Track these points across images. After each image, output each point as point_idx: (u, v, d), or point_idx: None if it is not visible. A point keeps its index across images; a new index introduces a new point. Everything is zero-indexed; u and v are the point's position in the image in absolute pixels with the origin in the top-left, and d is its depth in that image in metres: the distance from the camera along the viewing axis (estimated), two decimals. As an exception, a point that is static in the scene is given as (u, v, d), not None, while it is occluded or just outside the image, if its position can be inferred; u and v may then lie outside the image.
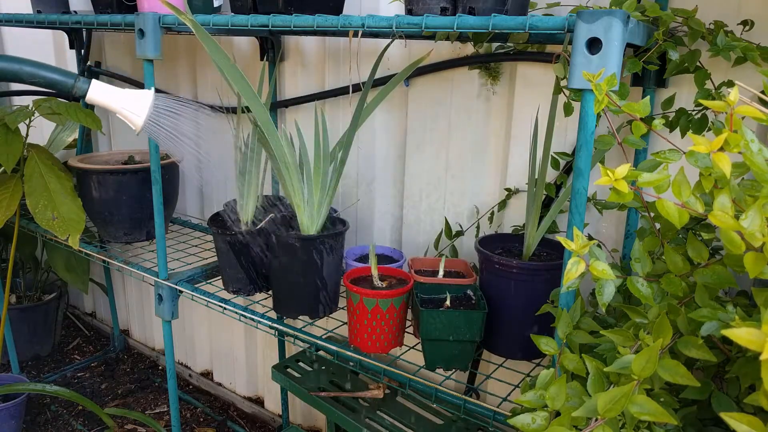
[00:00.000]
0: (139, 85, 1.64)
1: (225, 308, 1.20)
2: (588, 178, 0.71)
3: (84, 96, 0.79)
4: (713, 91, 0.85)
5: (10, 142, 1.39)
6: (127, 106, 0.81)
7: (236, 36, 1.55)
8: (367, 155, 1.37)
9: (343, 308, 1.13)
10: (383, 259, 1.19)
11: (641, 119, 0.63)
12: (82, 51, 1.85)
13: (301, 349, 1.46)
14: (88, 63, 1.89)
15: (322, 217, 1.09)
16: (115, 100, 0.81)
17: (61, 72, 0.78)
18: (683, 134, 0.88)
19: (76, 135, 1.92)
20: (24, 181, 1.44)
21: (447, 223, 1.24)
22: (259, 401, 1.92)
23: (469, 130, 1.21)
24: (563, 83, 0.79)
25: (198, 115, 0.89)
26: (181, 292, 1.27)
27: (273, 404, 1.86)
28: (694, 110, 0.88)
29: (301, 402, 1.56)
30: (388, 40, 1.06)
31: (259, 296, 1.23)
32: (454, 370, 0.97)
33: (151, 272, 1.31)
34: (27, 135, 1.50)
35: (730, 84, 0.85)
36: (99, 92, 0.80)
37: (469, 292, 1.01)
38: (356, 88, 1.28)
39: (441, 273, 1.07)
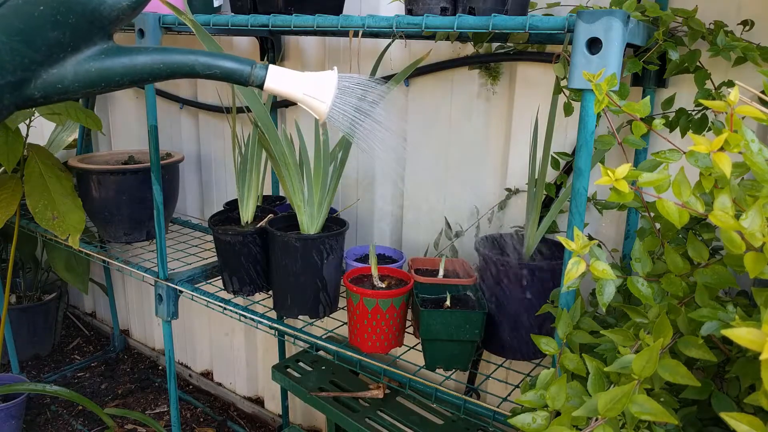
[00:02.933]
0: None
1: (225, 308, 1.20)
2: (588, 178, 0.71)
3: (262, 85, 0.69)
4: (713, 91, 0.85)
5: (10, 142, 1.39)
6: (310, 92, 0.69)
7: (236, 36, 1.55)
8: (367, 155, 1.37)
9: (343, 308, 1.13)
10: (383, 259, 1.19)
11: (641, 119, 0.63)
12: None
13: (301, 349, 1.46)
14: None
15: (322, 217, 1.09)
16: (297, 86, 0.69)
17: (236, 59, 0.68)
18: (683, 134, 0.88)
19: (76, 135, 1.92)
20: (24, 181, 1.44)
21: (447, 223, 1.24)
22: (259, 401, 1.92)
23: (469, 130, 1.21)
24: (563, 83, 0.79)
25: (379, 91, 0.75)
26: (181, 292, 1.27)
27: (273, 404, 1.86)
28: (694, 110, 0.88)
29: (301, 402, 1.56)
30: (388, 40, 1.06)
31: (259, 296, 1.23)
32: (454, 370, 0.97)
33: (151, 272, 1.31)
34: (27, 135, 1.50)
35: (730, 84, 0.85)
36: (277, 79, 0.69)
37: (469, 292, 1.01)
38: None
39: (441, 273, 1.07)
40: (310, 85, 0.70)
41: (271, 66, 0.69)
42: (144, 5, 0.66)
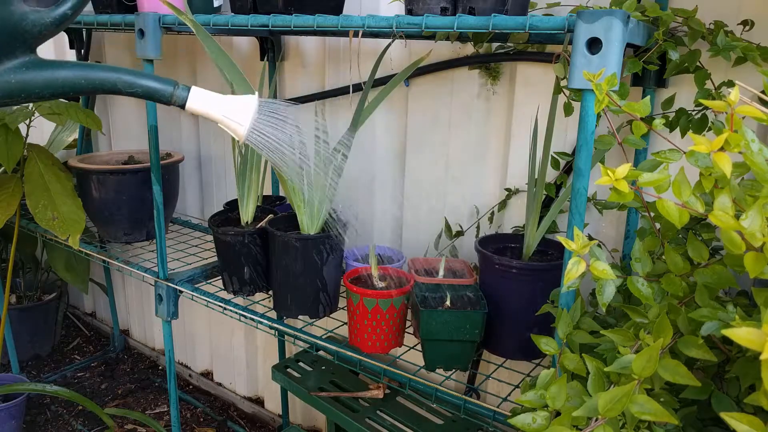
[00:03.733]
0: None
1: (225, 308, 1.20)
2: (588, 178, 0.71)
3: (183, 105, 0.72)
4: (713, 91, 0.85)
5: (10, 142, 1.39)
6: (229, 115, 0.73)
7: (236, 36, 1.55)
8: (367, 155, 1.37)
9: (343, 308, 1.13)
10: (383, 259, 1.19)
11: (641, 119, 0.63)
12: (82, 51, 1.85)
13: (301, 349, 1.46)
14: (88, 63, 1.89)
15: (322, 218, 1.09)
16: (217, 108, 0.73)
17: (158, 80, 0.71)
18: (683, 134, 0.88)
19: (76, 135, 1.92)
20: (24, 181, 1.44)
21: (447, 223, 1.24)
22: (259, 401, 1.92)
23: (470, 130, 1.21)
24: (563, 83, 0.79)
25: (297, 116, 0.80)
26: (181, 292, 1.27)
27: (273, 404, 1.86)
28: (694, 110, 0.88)
29: (301, 402, 1.56)
30: (388, 40, 1.06)
31: (259, 296, 1.23)
32: (454, 370, 0.97)
33: (151, 272, 1.31)
34: (27, 135, 1.50)
35: (730, 84, 0.85)
36: (199, 100, 0.72)
37: (469, 292, 1.01)
38: (356, 88, 1.28)
39: (441, 273, 1.07)
40: (229, 108, 0.73)
41: (193, 88, 0.73)
42: (69, 22, 0.68)
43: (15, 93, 0.66)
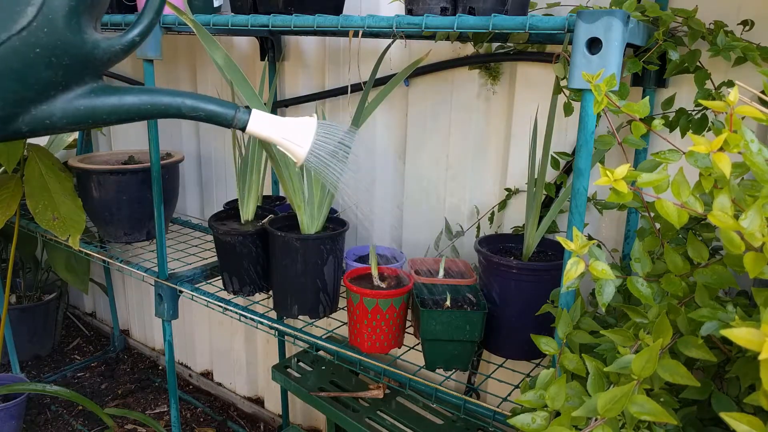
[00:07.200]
0: (139, 85, 1.64)
1: (225, 308, 1.20)
2: (588, 178, 0.71)
3: (244, 128, 0.72)
4: (713, 91, 0.85)
5: (10, 142, 1.39)
6: (289, 137, 0.73)
7: (236, 36, 1.55)
8: (367, 155, 1.37)
9: (343, 308, 1.13)
10: (383, 259, 1.19)
11: (641, 119, 0.63)
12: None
13: (301, 349, 1.46)
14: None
15: (323, 218, 1.09)
16: (277, 130, 0.73)
17: (221, 103, 0.71)
18: (683, 134, 0.88)
19: (76, 135, 1.92)
20: (24, 181, 1.44)
21: (447, 223, 1.24)
22: (259, 401, 1.92)
23: (470, 130, 1.21)
24: (563, 83, 0.79)
25: (350, 138, 0.80)
26: (181, 292, 1.27)
27: (273, 404, 1.86)
28: (694, 110, 0.88)
29: (301, 402, 1.56)
30: (389, 40, 1.06)
31: (259, 296, 1.23)
32: (454, 370, 0.97)
33: (151, 272, 1.31)
34: (27, 135, 1.50)
35: (730, 84, 0.85)
36: (259, 123, 0.72)
37: (469, 292, 1.01)
38: (356, 87, 1.28)
39: (441, 273, 1.07)
40: (289, 130, 0.74)
41: (254, 111, 0.72)
42: (135, 49, 0.68)
43: (83, 119, 0.66)
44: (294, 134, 0.73)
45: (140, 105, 0.68)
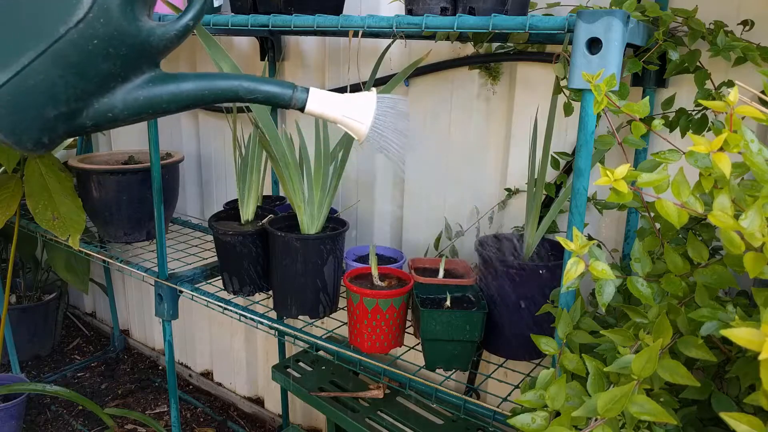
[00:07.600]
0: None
1: (225, 308, 1.20)
2: (588, 178, 0.71)
3: (303, 108, 0.69)
4: (713, 91, 0.85)
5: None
6: (349, 114, 0.70)
7: (236, 36, 1.55)
8: (367, 155, 1.37)
9: (343, 308, 1.13)
10: (383, 259, 1.19)
11: (641, 119, 0.63)
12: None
13: (301, 349, 1.46)
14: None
15: (323, 218, 1.09)
16: (337, 108, 0.70)
17: (278, 84, 0.68)
18: (683, 134, 0.88)
19: (76, 135, 1.92)
20: (24, 181, 1.44)
21: (447, 223, 1.24)
22: (259, 401, 1.92)
23: (469, 130, 1.21)
24: (563, 83, 0.79)
25: (406, 107, 0.75)
26: (181, 292, 1.27)
27: (273, 404, 1.86)
28: (694, 110, 0.88)
29: (301, 402, 1.56)
30: (389, 40, 1.06)
31: (259, 296, 1.23)
32: (454, 370, 0.97)
33: (151, 272, 1.31)
34: (27, 135, 1.50)
35: (730, 84, 0.85)
36: (318, 102, 0.69)
37: (469, 292, 1.01)
38: (356, 88, 1.28)
39: (441, 273, 1.07)
40: (349, 107, 0.71)
41: (312, 89, 0.70)
42: (190, 33, 0.66)
43: (144, 110, 0.65)
44: (354, 111, 0.70)
45: (198, 91, 0.66)
